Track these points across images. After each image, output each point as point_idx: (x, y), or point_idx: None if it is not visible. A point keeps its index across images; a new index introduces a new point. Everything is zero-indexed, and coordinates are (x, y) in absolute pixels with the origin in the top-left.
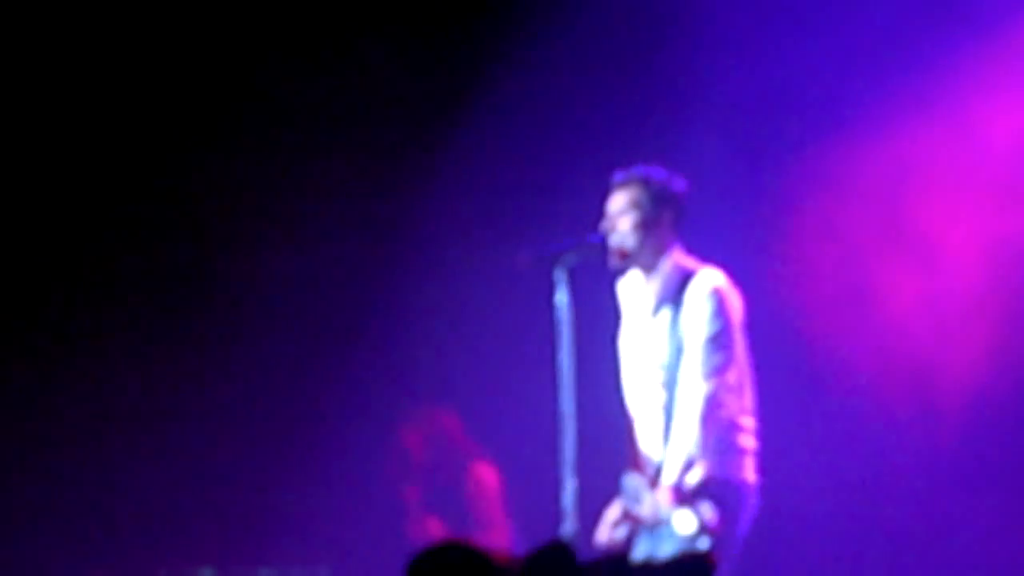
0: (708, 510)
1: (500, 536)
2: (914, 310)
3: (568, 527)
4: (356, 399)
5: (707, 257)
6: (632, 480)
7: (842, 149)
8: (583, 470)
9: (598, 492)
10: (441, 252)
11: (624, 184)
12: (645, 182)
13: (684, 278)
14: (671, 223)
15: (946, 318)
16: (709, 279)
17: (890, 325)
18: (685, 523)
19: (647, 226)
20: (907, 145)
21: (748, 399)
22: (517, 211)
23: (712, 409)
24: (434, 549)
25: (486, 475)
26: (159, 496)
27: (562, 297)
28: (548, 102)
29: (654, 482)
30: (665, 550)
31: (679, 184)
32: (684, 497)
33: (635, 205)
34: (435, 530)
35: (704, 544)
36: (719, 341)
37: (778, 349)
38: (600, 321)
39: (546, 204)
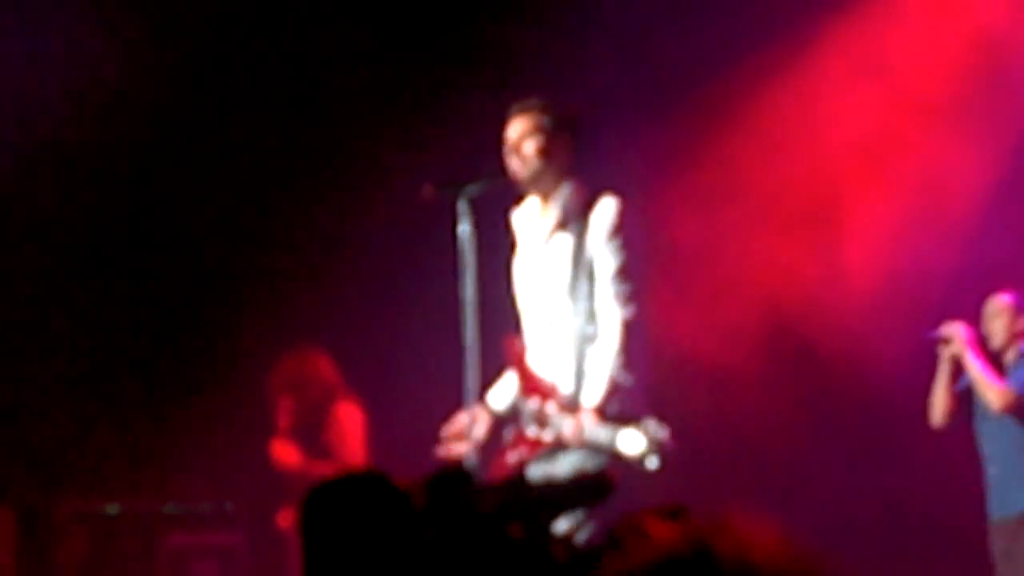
0: (657, 428)
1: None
2: (803, 246)
3: (471, 456)
4: (261, 335)
5: (604, 185)
6: (533, 404)
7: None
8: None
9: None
10: (341, 184)
11: (524, 111)
12: (545, 108)
13: (585, 204)
14: (570, 149)
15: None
16: (614, 206)
17: (777, 253)
18: (632, 442)
19: (547, 151)
20: (807, 81)
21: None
22: (416, 143)
23: (630, 335)
24: (332, 480)
25: (348, 413)
26: (66, 430)
27: (465, 228)
28: (446, 35)
29: (570, 407)
30: (562, 473)
31: (578, 111)
32: (607, 420)
33: (536, 130)
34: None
35: (653, 463)
36: (630, 268)
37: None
38: (502, 252)
39: (445, 135)
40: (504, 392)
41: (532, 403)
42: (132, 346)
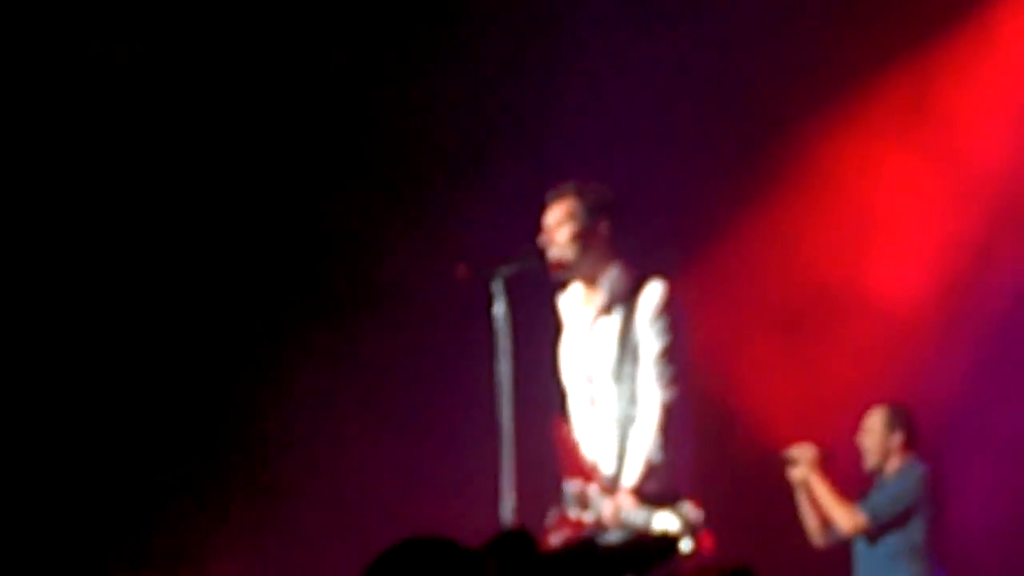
0: (693, 510)
1: None
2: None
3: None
4: (315, 414)
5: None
6: (575, 486)
7: None
8: (521, 483)
9: (536, 502)
10: (379, 264)
11: (559, 196)
12: (579, 194)
13: (631, 288)
14: (609, 233)
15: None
16: (661, 290)
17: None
18: (668, 525)
19: (584, 237)
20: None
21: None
22: (454, 223)
23: (671, 417)
24: (399, 545)
25: None
26: (126, 518)
27: (499, 308)
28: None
29: (609, 488)
30: None
31: (614, 194)
32: (644, 501)
33: (570, 217)
34: None
35: (687, 546)
36: (675, 351)
37: None
38: (538, 332)
39: (484, 216)
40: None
41: (575, 485)
42: (175, 444)
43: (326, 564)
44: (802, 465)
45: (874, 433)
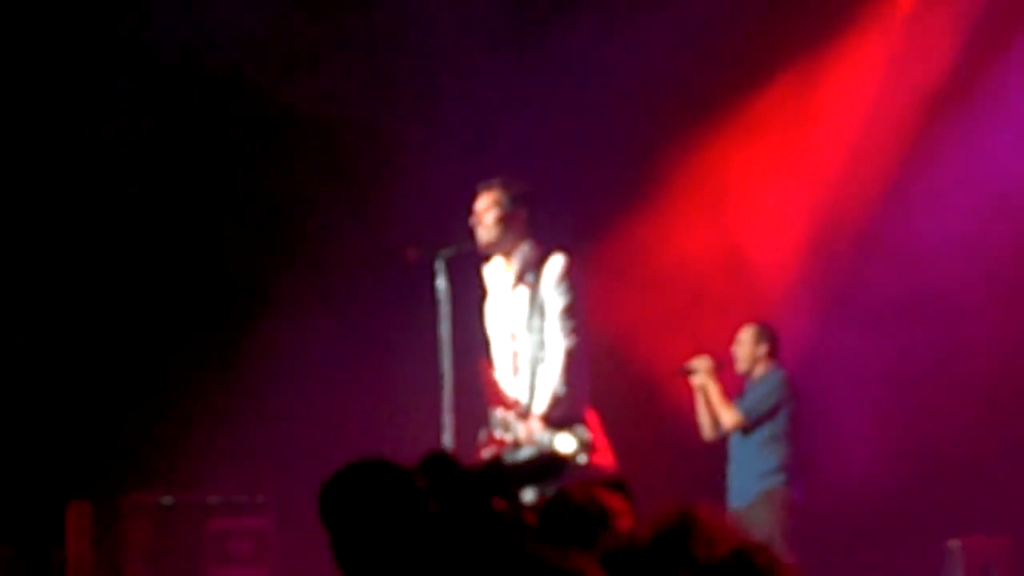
0: (584, 431)
1: None
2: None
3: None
4: (279, 359)
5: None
6: (499, 413)
7: None
8: (459, 412)
9: (470, 427)
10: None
11: (487, 188)
12: (504, 186)
13: (539, 259)
14: (525, 218)
15: None
16: (562, 261)
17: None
18: (566, 443)
19: (506, 220)
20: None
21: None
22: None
23: (571, 359)
24: (344, 469)
25: None
26: (129, 434)
27: (441, 282)
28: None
29: (524, 414)
30: None
31: (530, 187)
32: (550, 424)
33: (496, 204)
34: None
35: (583, 460)
36: (573, 308)
37: None
38: (469, 296)
39: (427, 207)
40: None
41: (498, 412)
42: (183, 367)
43: (297, 477)
44: (700, 372)
45: (744, 344)
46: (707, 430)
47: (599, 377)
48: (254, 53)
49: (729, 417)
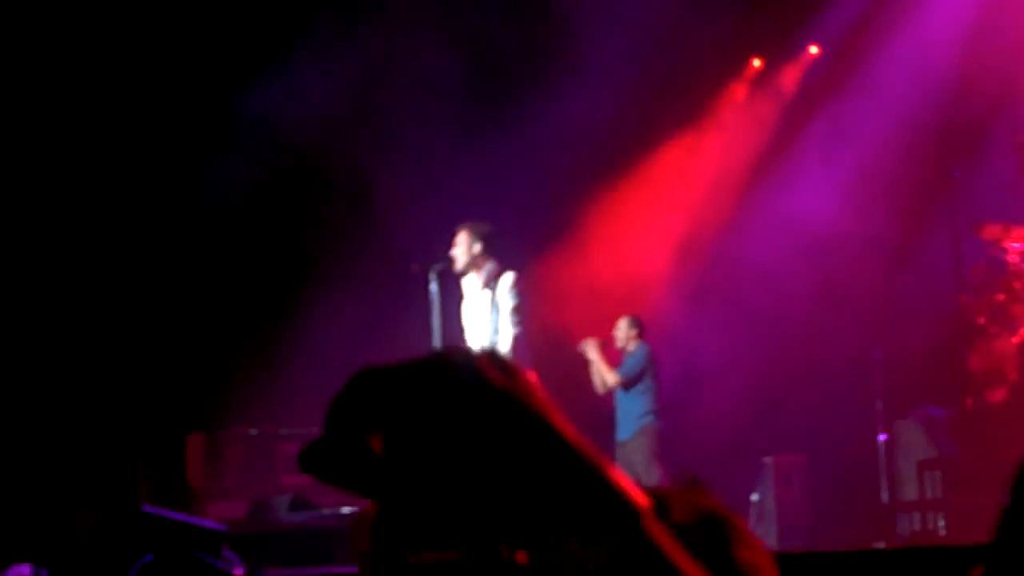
0: None
1: None
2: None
3: None
4: (332, 336)
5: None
6: None
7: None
8: None
9: None
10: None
11: (461, 229)
12: (472, 227)
13: (497, 275)
14: (487, 248)
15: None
16: (511, 276)
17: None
18: None
19: (476, 252)
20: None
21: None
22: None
23: (516, 343)
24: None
25: None
26: (224, 380)
27: (434, 288)
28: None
29: None
30: None
31: (492, 227)
32: None
33: (465, 241)
34: None
35: None
36: (519, 308)
37: None
38: (453, 300)
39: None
40: None
41: None
42: (263, 337)
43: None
44: (591, 349)
45: (621, 329)
46: (598, 387)
47: (539, 348)
48: (312, 131)
49: (611, 378)
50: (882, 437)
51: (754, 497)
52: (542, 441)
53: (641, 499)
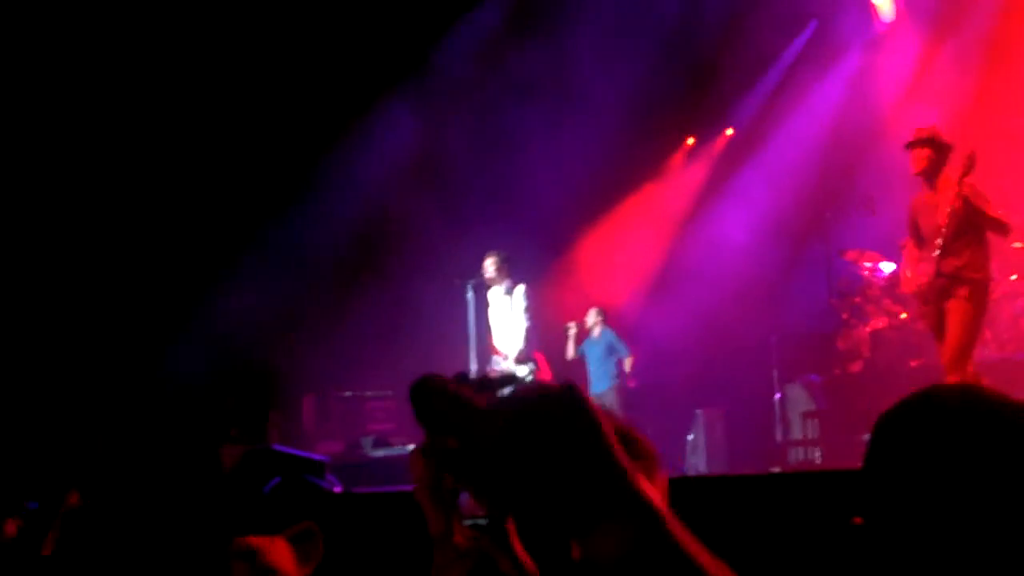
0: (534, 364)
1: None
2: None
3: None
4: (400, 326)
5: (522, 279)
6: (495, 358)
7: None
8: (480, 361)
9: (482, 365)
10: (415, 274)
11: (490, 255)
12: (498, 254)
13: (513, 286)
14: (508, 267)
15: None
16: (524, 288)
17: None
18: (524, 370)
19: (498, 270)
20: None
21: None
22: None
23: (528, 333)
24: (420, 378)
25: None
26: (325, 354)
27: (470, 295)
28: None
29: (505, 357)
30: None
31: (510, 253)
32: (518, 363)
33: (494, 264)
34: None
35: (532, 377)
36: (529, 309)
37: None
38: (483, 304)
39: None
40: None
41: (495, 358)
42: (357, 319)
43: (403, 379)
44: (572, 329)
45: (591, 316)
46: (570, 354)
47: (548, 338)
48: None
49: (572, 350)
50: (777, 395)
51: (689, 437)
52: (588, 444)
53: (662, 504)
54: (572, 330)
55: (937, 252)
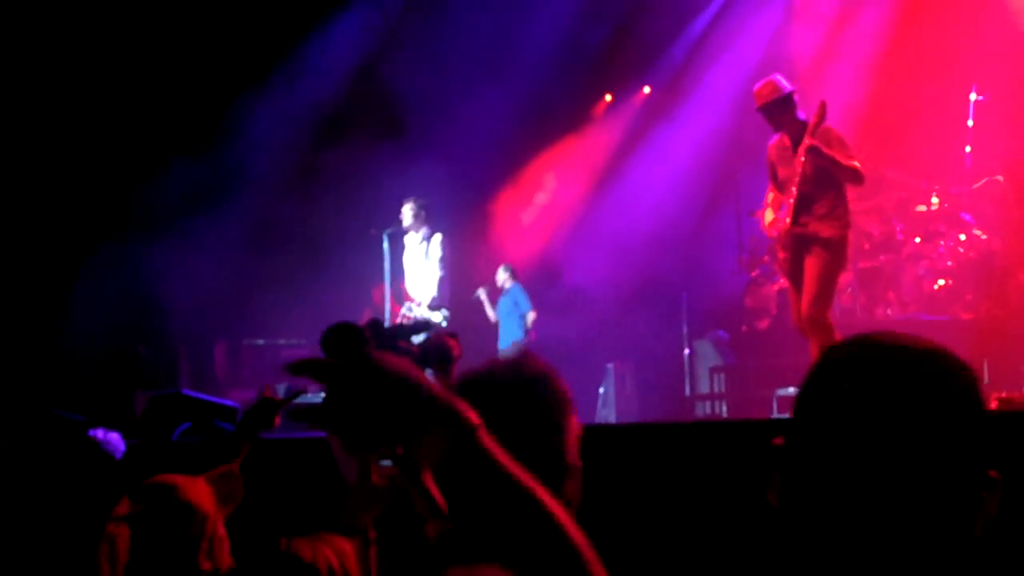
0: (446, 312)
1: None
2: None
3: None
4: (315, 273)
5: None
6: (409, 304)
7: None
8: (393, 305)
9: (394, 312)
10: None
11: (410, 201)
12: (417, 200)
13: (431, 234)
14: (426, 217)
15: None
16: (440, 236)
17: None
18: (436, 317)
19: (418, 217)
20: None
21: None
22: (371, 209)
23: (441, 281)
24: (334, 325)
25: None
26: (235, 297)
27: (386, 245)
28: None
29: (419, 305)
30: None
31: (429, 201)
32: (431, 309)
33: (411, 210)
34: None
35: (443, 323)
36: (444, 259)
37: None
38: (399, 251)
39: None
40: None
41: (409, 303)
42: (267, 265)
43: (314, 328)
44: (482, 294)
45: (501, 272)
46: (491, 317)
47: (458, 288)
48: None
49: (493, 314)
50: (687, 351)
51: (601, 390)
52: (417, 385)
53: (475, 418)
54: (483, 294)
55: (792, 200)
